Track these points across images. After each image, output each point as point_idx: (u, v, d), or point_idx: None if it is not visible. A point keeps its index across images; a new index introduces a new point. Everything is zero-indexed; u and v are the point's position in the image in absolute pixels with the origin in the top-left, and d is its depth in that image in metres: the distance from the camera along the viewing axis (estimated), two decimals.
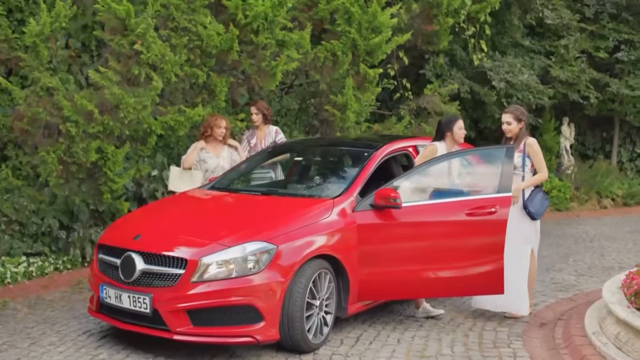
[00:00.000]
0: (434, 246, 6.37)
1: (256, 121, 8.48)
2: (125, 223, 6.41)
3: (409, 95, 12.86)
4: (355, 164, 6.92)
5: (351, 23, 10.17)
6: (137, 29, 7.58)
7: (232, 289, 5.39)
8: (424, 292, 6.60)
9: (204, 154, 7.87)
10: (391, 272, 6.36)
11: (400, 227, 6.36)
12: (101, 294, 5.79)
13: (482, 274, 6.30)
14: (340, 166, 7.30)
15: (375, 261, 6.30)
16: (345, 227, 6.09)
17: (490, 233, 6.28)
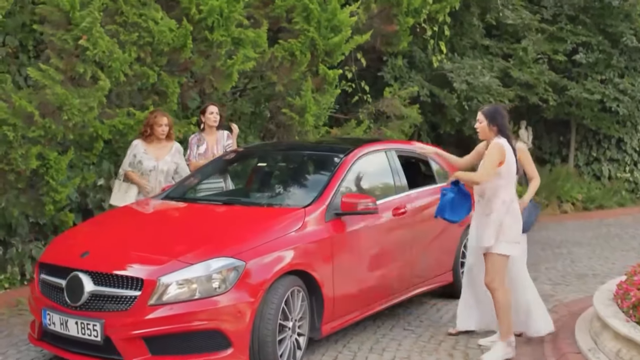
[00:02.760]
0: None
1: (215, 123, 7.68)
2: (70, 239, 5.70)
3: (368, 98, 12.38)
4: (325, 169, 6.35)
5: (310, 21, 9.64)
6: (82, 23, 6.90)
7: (196, 312, 4.75)
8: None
9: (142, 155, 7.12)
10: (364, 282, 6.05)
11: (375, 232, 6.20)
12: (44, 319, 5.08)
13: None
14: (308, 172, 6.71)
15: (350, 273, 5.81)
16: (319, 239, 5.52)
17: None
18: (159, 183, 7.08)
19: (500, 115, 5.78)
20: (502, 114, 5.80)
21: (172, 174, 7.17)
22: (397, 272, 6.49)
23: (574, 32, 14.97)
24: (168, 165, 7.15)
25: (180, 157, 7.28)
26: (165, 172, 7.12)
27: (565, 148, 16.96)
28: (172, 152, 7.22)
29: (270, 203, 6.01)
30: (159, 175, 7.11)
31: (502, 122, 5.74)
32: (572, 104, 15.40)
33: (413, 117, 11.93)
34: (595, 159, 16.99)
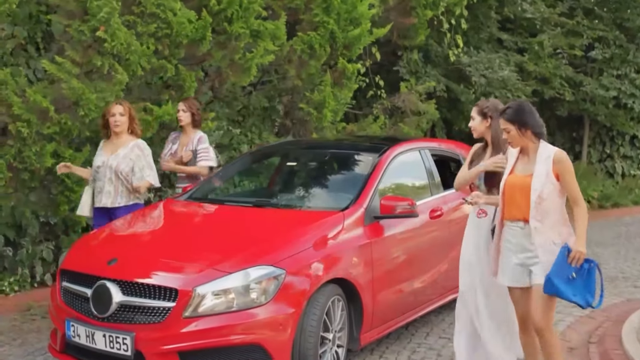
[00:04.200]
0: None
1: (182, 121, 6.87)
2: (93, 244, 5.32)
3: (382, 93, 12.03)
4: (359, 169, 6.01)
5: (330, 13, 9.27)
6: (100, 14, 6.51)
7: (233, 325, 4.40)
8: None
9: (98, 151, 6.36)
10: (401, 289, 5.72)
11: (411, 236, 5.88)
12: (67, 331, 4.72)
13: None
14: (341, 172, 6.36)
15: (388, 280, 5.49)
16: (359, 245, 5.18)
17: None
18: (108, 181, 6.15)
19: (529, 112, 4.57)
20: (531, 110, 4.61)
21: (128, 173, 6.16)
22: (433, 277, 6.16)
23: (590, 26, 14.62)
24: (119, 161, 6.13)
25: (140, 156, 6.20)
26: (114, 169, 6.11)
27: (578, 144, 16.64)
28: (129, 148, 6.22)
29: (306, 206, 5.66)
30: (107, 172, 6.14)
31: (534, 120, 4.55)
32: (586, 100, 15.07)
33: (430, 113, 11.58)
34: (609, 156, 16.67)
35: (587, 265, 4.47)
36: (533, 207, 4.48)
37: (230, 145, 9.68)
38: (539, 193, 4.45)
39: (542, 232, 4.49)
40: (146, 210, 6.00)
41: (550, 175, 4.44)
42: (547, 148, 4.52)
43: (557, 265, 4.39)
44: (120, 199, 6.16)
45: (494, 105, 5.20)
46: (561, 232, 4.50)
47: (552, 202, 4.46)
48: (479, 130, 5.27)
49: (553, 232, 4.48)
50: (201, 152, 6.79)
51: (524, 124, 4.52)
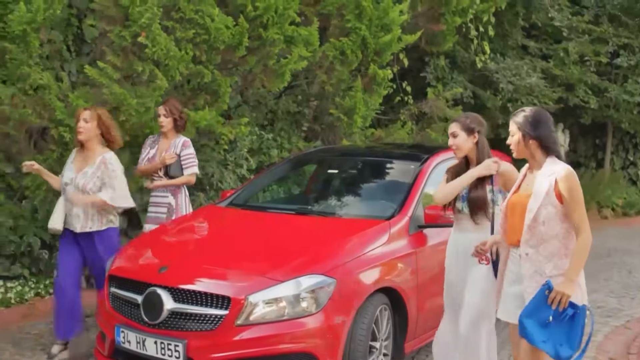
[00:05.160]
0: None
1: (163, 126, 6.20)
2: (141, 250, 5.32)
3: (409, 99, 12.04)
4: (401, 177, 6.00)
5: (362, 19, 9.29)
6: (141, 20, 6.54)
7: (284, 334, 4.40)
8: None
9: (68, 164, 5.71)
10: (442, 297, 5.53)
11: None
12: (117, 337, 4.74)
13: None
14: (381, 181, 6.36)
15: (431, 289, 5.45)
16: (405, 254, 5.18)
17: None
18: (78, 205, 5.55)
19: (544, 122, 3.98)
20: (547, 121, 4.00)
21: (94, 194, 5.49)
22: None
23: (615, 34, 14.58)
24: (86, 180, 5.45)
25: (108, 172, 5.49)
26: (81, 188, 5.46)
27: (601, 152, 16.60)
28: (97, 164, 5.49)
29: (350, 214, 5.66)
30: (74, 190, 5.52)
31: (546, 132, 3.96)
32: (609, 107, 15.03)
33: None
34: (632, 163, 16.64)
35: (572, 311, 3.78)
36: (525, 230, 3.90)
37: (260, 150, 9.70)
38: (534, 215, 3.86)
39: (533, 260, 3.91)
40: (190, 216, 6.02)
41: (551, 195, 3.83)
42: (554, 165, 3.90)
43: (533, 305, 3.81)
44: (92, 224, 5.54)
45: (476, 119, 4.78)
46: (559, 265, 3.87)
47: (551, 227, 3.86)
48: (465, 148, 4.74)
49: (548, 263, 3.88)
50: (187, 158, 6.19)
51: (530, 133, 3.95)
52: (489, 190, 4.71)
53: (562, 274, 3.82)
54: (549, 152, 3.95)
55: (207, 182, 8.93)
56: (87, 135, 5.50)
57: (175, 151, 6.16)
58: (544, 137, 3.94)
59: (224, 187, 8.79)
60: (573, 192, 3.82)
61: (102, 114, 5.57)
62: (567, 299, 3.76)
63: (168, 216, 6.10)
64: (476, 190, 4.72)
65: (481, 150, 4.73)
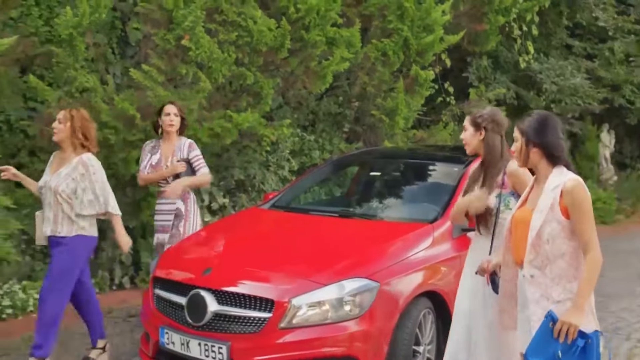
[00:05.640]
0: None
1: (173, 126, 5.90)
2: (184, 252, 5.37)
3: (451, 100, 11.94)
4: (444, 180, 5.95)
5: (404, 20, 9.25)
6: (185, 23, 6.60)
7: (327, 338, 4.40)
8: None
9: (47, 167, 5.46)
10: None
11: None
12: (161, 338, 4.78)
13: None
14: (424, 183, 6.32)
15: None
16: (449, 258, 5.13)
17: None
18: (48, 205, 5.22)
19: (551, 128, 3.54)
20: (554, 126, 3.56)
21: (70, 196, 5.15)
22: None
23: None
24: (58, 181, 5.14)
25: (84, 176, 5.16)
26: (53, 190, 5.14)
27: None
28: (73, 165, 5.18)
29: (393, 217, 5.63)
30: (48, 194, 5.20)
31: (551, 139, 3.51)
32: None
33: None
34: None
35: (582, 342, 3.32)
36: (529, 249, 3.48)
37: (302, 151, 9.72)
38: (537, 232, 3.45)
39: (539, 283, 3.48)
40: (233, 218, 6.06)
41: (555, 211, 3.42)
42: (561, 175, 3.47)
43: (537, 339, 3.38)
44: (61, 228, 5.19)
45: (490, 115, 4.43)
46: (567, 288, 3.44)
47: (557, 246, 3.44)
48: (472, 144, 4.47)
49: (556, 286, 3.45)
50: (197, 160, 5.98)
51: (534, 140, 3.51)
52: (496, 195, 4.28)
53: (571, 298, 3.40)
54: (556, 162, 3.51)
55: (250, 183, 8.98)
56: (59, 137, 5.22)
57: (181, 155, 5.92)
58: (548, 145, 3.48)
59: (265, 189, 8.82)
60: (580, 204, 3.38)
61: (77, 115, 5.22)
62: (575, 330, 3.31)
63: (177, 223, 5.89)
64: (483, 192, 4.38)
65: (489, 149, 4.38)
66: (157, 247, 6.03)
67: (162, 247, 5.93)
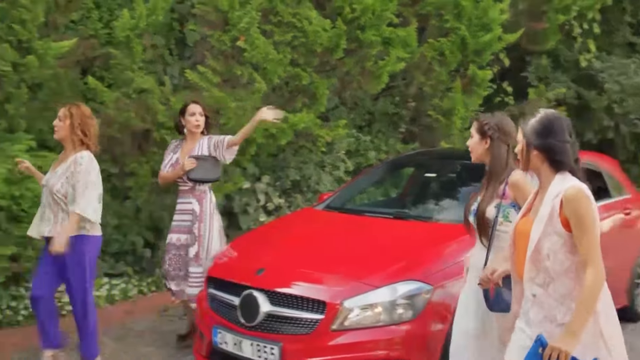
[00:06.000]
0: None
1: (200, 125, 5.85)
2: (239, 252, 5.41)
3: (510, 100, 11.75)
4: None
5: (461, 19, 9.14)
6: (240, 24, 6.64)
7: (379, 340, 4.37)
8: None
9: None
10: None
11: None
12: (214, 337, 4.81)
13: None
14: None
15: None
16: None
17: None
18: (48, 205, 5.11)
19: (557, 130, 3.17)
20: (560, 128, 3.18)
21: (65, 195, 5.02)
22: None
23: None
24: (54, 180, 5.04)
25: (77, 175, 4.97)
26: (50, 189, 5.04)
27: None
28: (67, 165, 5.05)
29: (447, 219, 5.56)
30: (46, 194, 5.10)
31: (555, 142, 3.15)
32: None
33: None
34: None
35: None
36: (529, 266, 3.15)
37: (357, 151, 9.69)
38: (535, 245, 3.11)
39: (542, 303, 3.13)
40: (287, 219, 6.08)
41: (555, 222, 3.08)
42: (563, 182, 3.11)
43: None
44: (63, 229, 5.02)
45: (497, 124, 4.13)
46: (573, 309, 3.06)
47: (558, 261, 3.08)
48: (477, 151, 4.19)
49: (560, 307, 3.10)
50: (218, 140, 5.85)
51: (535, 143, 3.16)
52: (495, 205, 4.00)
53: None
54: (559, 167, 3.15)
55: (305, 184, 9.00)
56: (59, 134, 5.12)
57: (200, 151, 5.81)
58: (550, 148, 3.14)
59: (320, 189, 8.82)
60: (581, 215, 3.02)
61: (76, 112, 5.09)
62: (566, 357, 2.95)
63: (192, 224, 5.80)
64: (483, 202, 4.08)
65: (494, 159, 4.10)
66: (168, 247, 5.96)
67: (174, 248, 5.89)
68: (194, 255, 5.77)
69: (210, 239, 5.82)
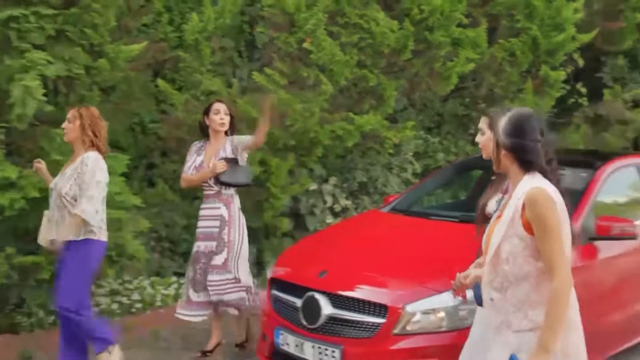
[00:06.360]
0: None
1: (224, 124, 5.68)
2: (301, 254, 5.42)
3: (584, 101, 11.45)
4: (571, 185, 5.66)
5: (533, 18, 8.96)
6: (307, 26, 6.66)
7: (441, 346, 4.30)
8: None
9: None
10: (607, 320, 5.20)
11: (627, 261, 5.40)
12: (276, 339, 4.84)
13: None
14: None
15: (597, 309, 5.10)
16: (574, 267, 4.86)
17: None
18: (57, 208, 4.99)
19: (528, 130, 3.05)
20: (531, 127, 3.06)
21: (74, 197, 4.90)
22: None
23: None
24: (62, 182, 4.95)
25: (83, 177, 4.86)
26: (59, 192, 4.93)
27: None
28: (75, 166, 4.96)
29: None
30: (54, 196, 5.00)
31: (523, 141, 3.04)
32: None
33: (638, 122, 10.89)
34: None
35: None
36: (488, 268, 3.06)
37: (426, 153, 9.60)
38: (496, 248, 3.01)
39: (499, 308, 3.04)
40: (352, 221, 6.07)
41: (517, 224, 2.96)
42: (531, 183, 2.98)
43: None
44: (69, 232, 4.91)
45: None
46: (530, 316, 2.95)
47: (518, 266, 2.96)
48: (490, 148, 3.70)
49: (517, 313, 2.98)
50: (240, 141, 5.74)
51: (504, 141, 3.06)
52: (497, 200, 3.70)
53: (533, 328, 2.92)
54: (528, 168, 3.03)
55: (372, 185, 8.97)
56: (69, 136, 5.04)
57: (225, 154, 5.64)
58: (519, 148, 3.02)
59: (388, 191, 8.77)
60: (542, 217, 2.87)
61: (85, 113, 5.01)
62: None
63: (220, 230, 5.63)
64: (486, 196, 3.94)
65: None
66: (196, 255, 5.74)
67: (204, 256, 5.68)
68: (221, 263, 5.59)
69: (240, 244, 5.69)
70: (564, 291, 2.86)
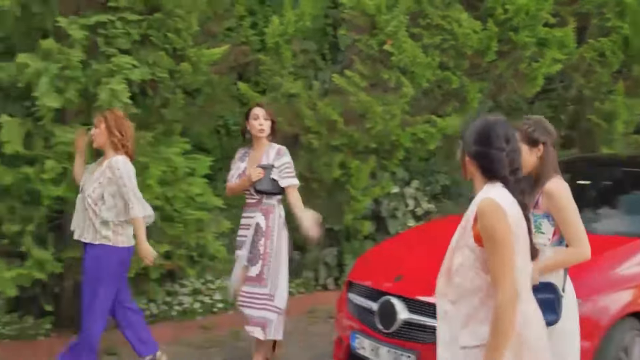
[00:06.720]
0: None
1: (263, 131, 5.41)
2: (379, 258, 5.39)
3: None
4: None
5: (624, 17, 8.64)
6: (388, 28, 6.61)
7: None
8: None
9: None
10: None
11: None
12: (352, 342, 4.84)
13: None
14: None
15: None
16: None
17: None
18: (82, 210, 4.96)
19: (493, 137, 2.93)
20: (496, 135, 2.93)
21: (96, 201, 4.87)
22: None
23: None
24: (90, 184, 4.92)
25: (111, 180, 4.85)
26: (87, 196, 4.90)
27: None
28: (102, 170, 4.91)
29: (601, 230, 5.24)
30: (81, 199, 4.98)
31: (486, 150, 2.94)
32: None
33: None
34: None
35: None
36: (442, 279, 2.99)
37: None
38: (449, 259, 2.97)
39: (450, 321, 2.93)
40: (431, 225, 5.99)
41: (467, 235, 2.88)
42: (486, 193, 2.88)
43: None
44: (87, 234, 4.92)
45: (542, 126, 3.69)
46: (476, 332, 2.82)
47: (467, 278, 2.85)
48: (529, 164, 3.63)
49: (464, 328, 2.87)
50: (285, 167, 5.38)
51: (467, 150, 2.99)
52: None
53: (479, 346, 2.78)
54: (489, 177, 2.93)
55: (455, 189, 8.84)
56: (98, 141, 5.01)
57: (267, 160, 5.36)
58: (482, 156, 2.92)
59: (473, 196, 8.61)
60: (490, 229, 2.76)
61: (110, 115, 4.98)
62: None
63: (256, 239, 5.30)
64: None
65: (546, 167, 3.65)
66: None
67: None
68: (256, 275, 5.26)
69: (277, 257, 5.32)
70: (507, 307, 2.72)
